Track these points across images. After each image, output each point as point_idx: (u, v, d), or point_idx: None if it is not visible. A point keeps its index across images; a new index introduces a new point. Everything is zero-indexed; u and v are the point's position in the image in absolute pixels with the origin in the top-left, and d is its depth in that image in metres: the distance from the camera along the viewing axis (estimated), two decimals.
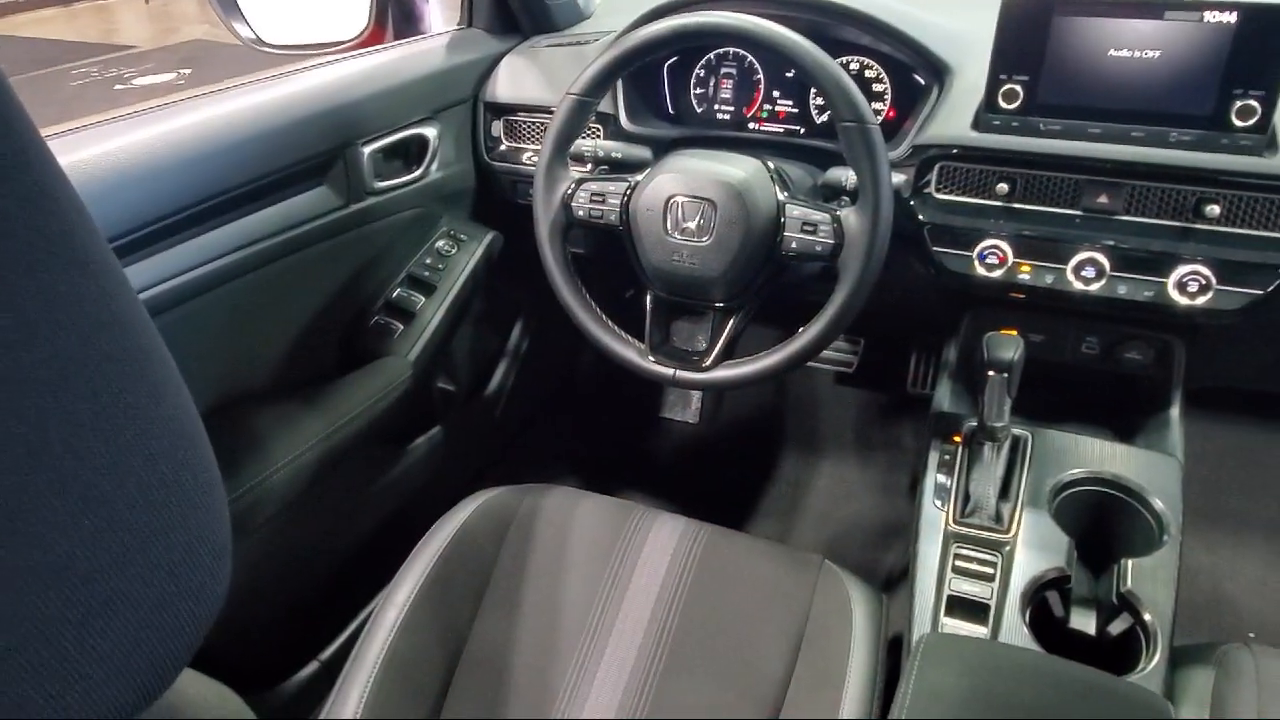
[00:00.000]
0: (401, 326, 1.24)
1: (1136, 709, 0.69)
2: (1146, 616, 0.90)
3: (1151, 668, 0.87)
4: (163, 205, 0.91)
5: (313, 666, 1.23)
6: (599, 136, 1.26)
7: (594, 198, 1.05)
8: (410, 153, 1.25)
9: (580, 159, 1.16)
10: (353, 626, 1.29)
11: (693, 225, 0.98)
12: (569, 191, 1.05)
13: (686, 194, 0.98)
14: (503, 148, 1.35)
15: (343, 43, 1.32)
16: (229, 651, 1.11)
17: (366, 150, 1.15)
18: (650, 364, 1.05)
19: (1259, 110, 0.92)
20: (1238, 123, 0.93)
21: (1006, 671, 0.73)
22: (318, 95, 1.11)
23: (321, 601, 1.27)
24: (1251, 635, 1.41)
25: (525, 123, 1.32)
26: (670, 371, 1.04)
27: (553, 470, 1.77)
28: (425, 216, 1.29)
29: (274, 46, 1.30)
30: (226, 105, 1.01)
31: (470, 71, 1.33)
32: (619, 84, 1.24)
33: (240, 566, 1.14)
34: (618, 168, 1.13)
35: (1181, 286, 0.97)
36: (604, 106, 1.25)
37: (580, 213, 1.05)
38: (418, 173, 1.25)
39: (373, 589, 0.98)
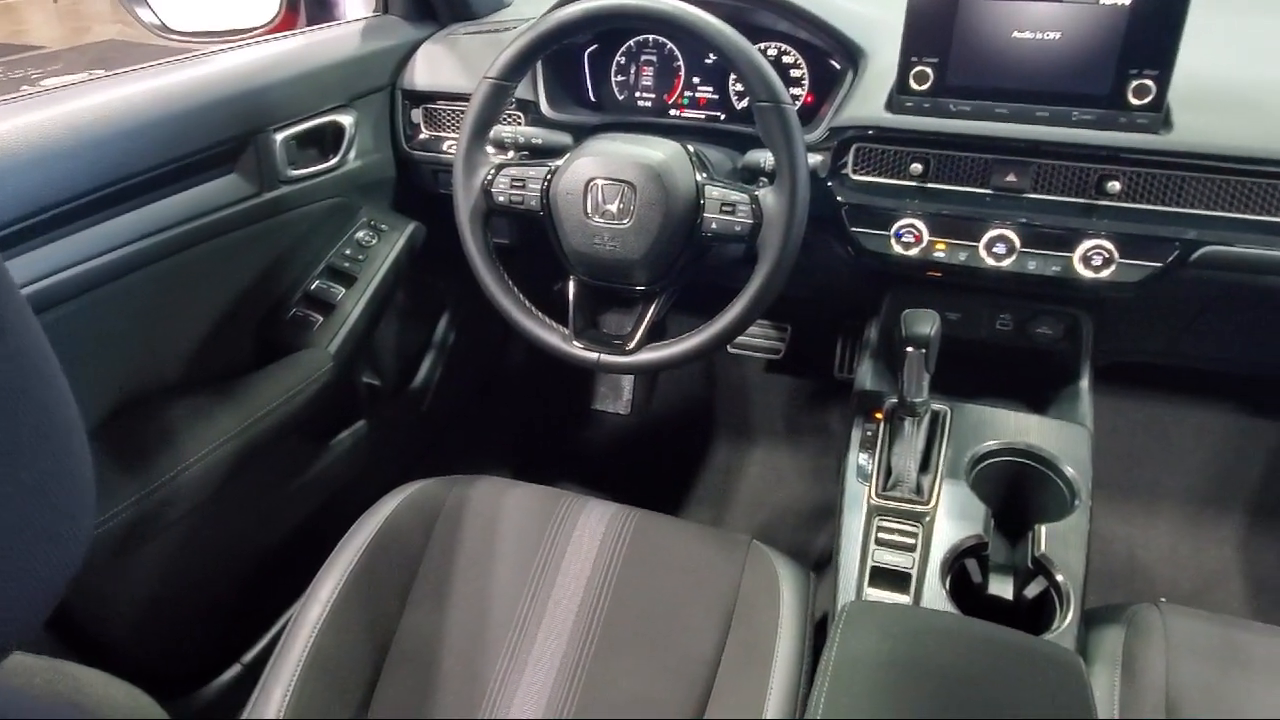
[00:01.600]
0: (321, 318, 1.21)
1: (1050, 664, 0.71)
2: (1059, 578, 0.93)
3: (1065, 627, 0.90)
4: (59, 191, 0.87)
5: (235, 669, 1.19)
6: (520, 124, 1.25)
7: (514, 183, 1.04)
8: (326, 141, 1.22)
9: (501, 145, 1.15)
10: (276, 627, 1.26)
11: (613, 208, 0.98)
12: (489, 177, 1.04)
13: (606, 177, 0.98)
14: (422, 136, 1.33)
15: (253, 29, 1.29)
16: (144, 654, 1.07)
17: (279, 137, 1.12)
18: (574, 349, 1.05)
19: (1154, 89, 0.95)
20: (1134, 101, 0.96)
21: (925, 634, 0.74)
22: (226, 79, 1.07)
23: (242, 602, 1.23)
24: (1163, 599, 1.47)
25: (445, 111, 1.31)
26: (595, 355, 1.04)
27: (482, 464, 1.75)
28: (344, 206, 1.27)
29: (180, 33, 1.27)
30: (127, 88, 0.98)
31: (387, 59, 1.31)
32: (539, 70, 1.24)
33: (154, 566, 1.10)
34: (538, 154, 1.12)
35: (1086, 260, 1.01)
36: (525, 93, 1.24)
37: (500, 198, 1.04)
38: (334, 161, 1.22)
39: (296, 588, 0.96)
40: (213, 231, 1.05)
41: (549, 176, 1.03)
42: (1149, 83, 0.95)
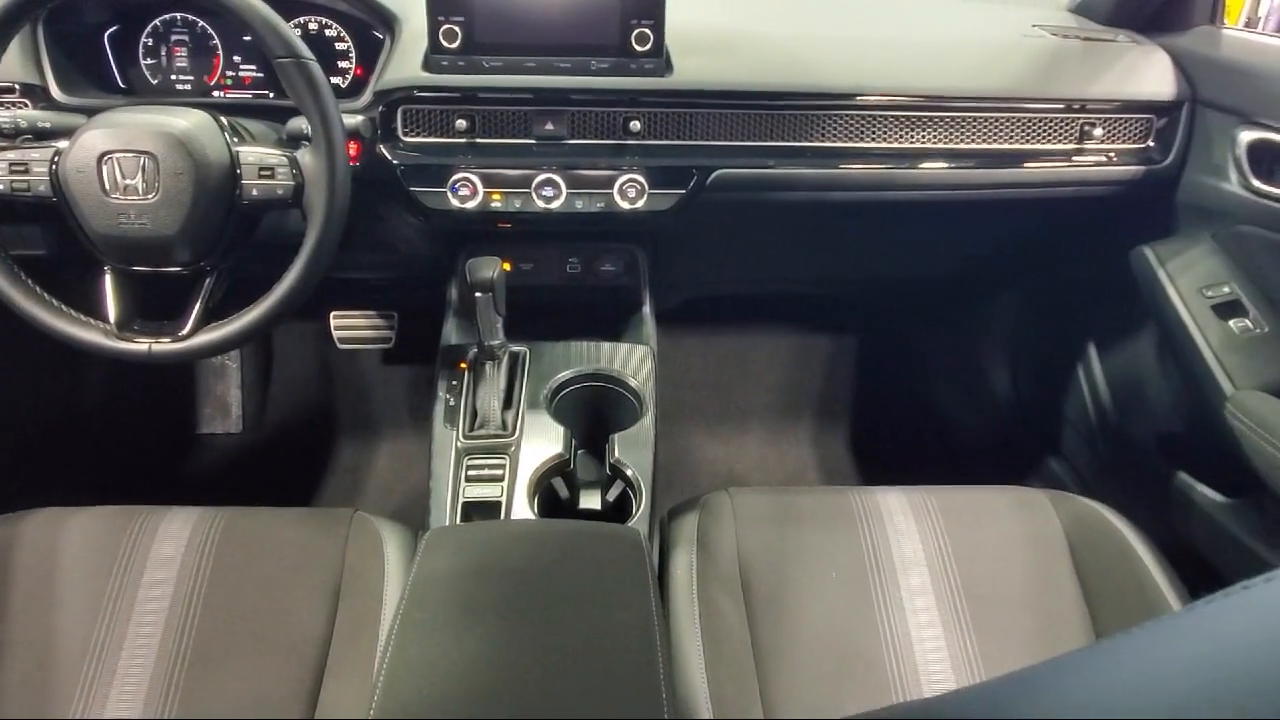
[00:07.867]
0: None
1: (611, 542, 0.77)
2: (630, 473, 1.02)
3: (639, 516, 0.99)
4: None
5: None
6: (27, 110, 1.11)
7: (14, 168, 0.92)
8: None
9: None
10: None
11: (135, 182, 0.91)
12: None
13: (122, 149, 0.91)
14: None
15: None
16: None
17: None
18: (118, 344, 0.95)
19: (652, 37, 1.08)
20: (638, 48, 1.08)
21: (500, 542, 0.77)
22: None
23: None
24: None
25: None
26: (144, 347, 0.96)
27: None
28: None
29: None
30: None
31: None
32: (42, 50, 1.11)
33: None
34: (47, 138, 1.01)
35: (623, 194, 1.11)
36: (29, 77, 1.11)
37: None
38: None
39: None
40: None
41: (56, 157, 0.92)
42: (647, 31, 1.07)
